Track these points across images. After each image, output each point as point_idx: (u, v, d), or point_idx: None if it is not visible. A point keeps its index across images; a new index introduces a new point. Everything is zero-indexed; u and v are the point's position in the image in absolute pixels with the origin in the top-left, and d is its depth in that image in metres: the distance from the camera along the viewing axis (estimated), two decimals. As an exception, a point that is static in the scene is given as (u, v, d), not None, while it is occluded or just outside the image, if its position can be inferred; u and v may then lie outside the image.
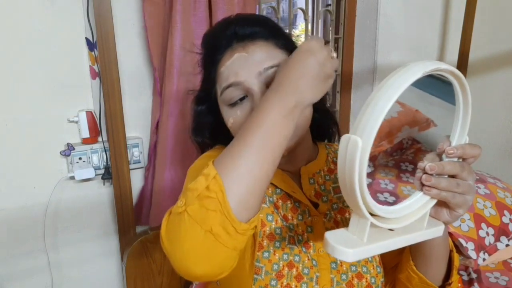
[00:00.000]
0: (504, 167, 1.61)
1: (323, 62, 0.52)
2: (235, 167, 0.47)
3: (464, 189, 0.49)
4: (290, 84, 0.51)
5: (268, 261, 0.62)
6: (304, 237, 0.65)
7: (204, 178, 0.47)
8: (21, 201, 1.11)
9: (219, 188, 0.46)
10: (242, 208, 0.46)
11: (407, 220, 0.49)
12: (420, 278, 0.64)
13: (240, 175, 0.47)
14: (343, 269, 0.65)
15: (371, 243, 0.45)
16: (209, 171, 0.47)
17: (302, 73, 0.51)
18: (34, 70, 1.06)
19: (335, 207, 0.71)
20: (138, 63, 1.19)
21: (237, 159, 0.48)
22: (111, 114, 1.06)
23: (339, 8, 1.57)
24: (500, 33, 1.62)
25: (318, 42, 0.54)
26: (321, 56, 0.52)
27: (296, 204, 0.68)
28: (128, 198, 1.14)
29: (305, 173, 0.71)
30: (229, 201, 0.45)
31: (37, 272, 1.17)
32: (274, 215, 0.65)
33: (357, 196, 0.42)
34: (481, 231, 1.16)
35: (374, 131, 0.40)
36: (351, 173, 0.41)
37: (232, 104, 0.63)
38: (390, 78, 0.42)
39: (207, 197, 0.46)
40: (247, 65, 0.62)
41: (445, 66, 0.43)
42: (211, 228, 0.45)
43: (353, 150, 0.40)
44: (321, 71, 0.52)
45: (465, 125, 0.49)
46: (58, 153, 1.12)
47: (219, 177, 0.46)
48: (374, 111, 0.40)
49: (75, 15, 1.07)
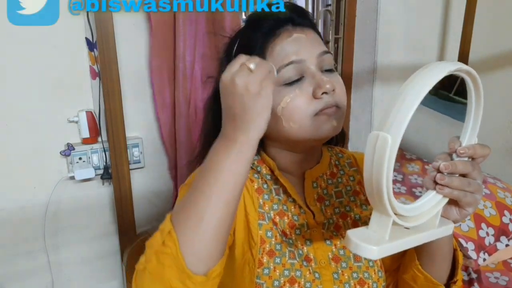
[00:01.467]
0: (504, 167, 1.61)
1: (239, 91, 0.48)
2: (187, 218, 0.47)
3: (474, 188, 0.50)
4: (230, 130, 0.50)
5: (269, 277, 0.61)
6: (304, 251, 0.64)
7: (160, 233, 0.47)
8: (21, 201, 1.11)
9: (173, 243, 0.45)
10: (197, 260, 0.46)
11: (422, 219, 0.49)
12: (426, 277, 0.64)
13: (191, 226, 0.46)
14: (345, 279, 0.65)
15: (393, 241, 0.45)
16: (165, 226, 0.47)
17: (232, 116, 0.50)
18: (34, 70, 1.06)
19: (337, 211, 0.70)
20: (138, 63, 1.19)
21: (188, 209, 0.48)
22: (111, 114, 1.06)
23: (339, 8, 1.57)
24: (500, 33, 1.62)
25: (227, 71, 0.50)
26: (235, 88, 0.48)
27: (294, 217, 0.67)
28: (128, 198, 1.14)
29: (309, 177, 0.70)
30: (183, 255, 0.45)
31: (37, 272, 1.17)
32: (273, 231, 0.64)
33: (383, 193, 0.42)
34: (481, 231, 1.16)
35: (403, 127, 0.40)
36: (379, 170, 0.41)
37: (290, 84, 0.61)
38: (416, 76, 0.42)
39: (162, 252, 0.46)
40: (307, 45, 0.62)
41: (466, 67, 0.45)
42: (171, 285, 0.45)
43: (383, 147, 0.40)
44: (243, 98, 0.48)
45: (476, 126, 0.50)
46: (58, 153, 1.12)
47: (173, 232, 0.46)
48: (402, 106, 0.40)
49: (75, 15, 1.07)
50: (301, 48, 0.62)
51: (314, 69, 0.61)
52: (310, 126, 0.61)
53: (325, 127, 0.61)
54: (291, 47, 0.62)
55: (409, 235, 0.48)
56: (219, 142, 0.51)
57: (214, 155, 0.50)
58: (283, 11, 0.65)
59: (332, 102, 0.61)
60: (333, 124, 0.62)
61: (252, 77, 0.49)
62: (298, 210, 0.67)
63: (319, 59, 0.62)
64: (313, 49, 0.62)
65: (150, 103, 1.22)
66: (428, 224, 0.51)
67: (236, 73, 0.49)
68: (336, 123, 0.62)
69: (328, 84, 0.60)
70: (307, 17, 0.67)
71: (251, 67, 0.49)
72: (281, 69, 0.61)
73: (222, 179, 0.48)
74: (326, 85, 0.60)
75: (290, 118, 0.61)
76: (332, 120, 0.62)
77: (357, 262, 0.66)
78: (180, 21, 1.10)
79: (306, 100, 0.60)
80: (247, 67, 0.49)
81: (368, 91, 1.61)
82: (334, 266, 0.65)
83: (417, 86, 0.41)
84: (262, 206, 0.66)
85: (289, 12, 0.65)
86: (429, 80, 0.41)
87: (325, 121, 0.61)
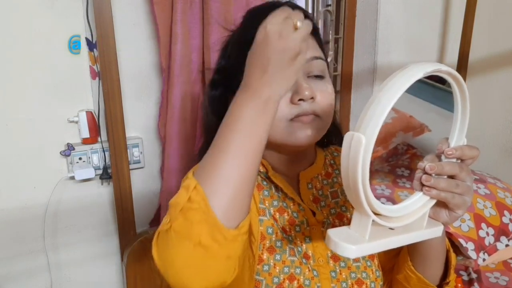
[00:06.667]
0: (504, 167, 1.61)
1: (283, 46, 0.46)
2: (215, 174, 0.45)
3: (463, 189, 0.49)
4: (256, 80, 0.48)
5: (268, 274, 0.61)
6: (303, 248, 0.64)
7: (185, 190, 0.46)
8: (21, 201, 1.11)
9: (201, 197, 0.44)
10: (228, 214, 0.45)
11: (407, 220, 0.49)
12: (418, 278, 0.64)
13: (221, 181, 0.45)
14: (343, 277, 0.65)
15: (373, 241, 0.45)
16: (190, 183, 0.46)
17: (264, 67, 0.47)
18: (34, 70, 1.06)
19: (333, 212, 0.70)
20: (138, 63, 1.19)
21: (215, 165, 0.46)
22: (111, 114, 1.06)
23: (339, 8, 1.57)
24: (500, 33, 1.62)
25: (273, 21, 0.47)
26: (279, 42, 0.46)
27: (294, 214, 0.67)
28: (128, 198, 1.14)
29: (303, 178, 0.70)
30: (213, 210, 0.44)
31: (37, 273, 1.17)
32: (274, 227, 0.64)
33: (360, 193, 0.42)
34: (481, 231, 1.16)
35: (377, 128, 0.40)
36: (354, 170, 0.42)
37: None
38: (392, 78, 0.42)
39: (190, 209, 0.44)
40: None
41: (445, 67, 0.44)
42: (200, 241, 0.43)
43: (357, 147, 0.41)
44: (284, 55, 0.47)
45: (464, 127, 0.50)
46: (58, 153, 1.12)
47: (199, 187, 0.45)
48: (377, 108, 0.41)
49: (75, 15, 1.07)
50: None
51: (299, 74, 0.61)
52: (284, 131, 0.61)
53: (298, 134, 0.61)
54: None
55: (393, 235, 0.48)
56: (242, 94, 0.48)
57: (236, 108, 0.48)
58: None
59: (309, 110, 0.61)
60: (307, 133, 0.61)
61: (297, 34, 0.47)
62: (297, 207, 0.67)
63: (307, 64, 0.61)
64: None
65: (150, 103, 1.22)
66: (415, 225, 0.50)
67: (283, 27, 0.47)
68: (310, 132, 0.61)
69: (307, 91, 0.59)
70: (308, 18, 0.67)
71: (298, 24, 0.47)
72: None
73: (245, 132, 0.47)
74: (304, 92, 0.59)
75: None
76: (307, 128, 0.61)
77: (356, 262, 0.67)
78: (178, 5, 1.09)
79: (284, 103, 0.60)
80: (294, 23, 0.47)
81: (368, 91, 1.61)
82: (333, 264, 0.65)
83: (392, 88, 0.41)
84: (262, 202, 0.66)
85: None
86: (404, 82, 0.41)
87: (299, 128, 0.61)
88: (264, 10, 0.66)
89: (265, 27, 0.47)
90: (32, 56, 1.05)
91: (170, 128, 1.16)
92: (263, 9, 0.68)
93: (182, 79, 1.14)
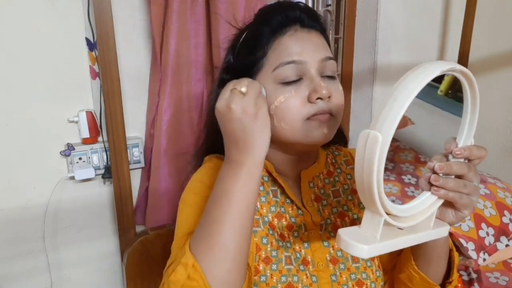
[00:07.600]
0: (504, 167, 1.61)
1: (237, 116, 0.50)
2: (209, 247, 0.49)
3: (470, 190, 0.49)
4: (234, 154, 0.52)
5: (266, 284, 0.61)
6: (302, 254, 0.64)
7: (183, 267, 0.49)
8: (21, 201, 1.11)
9: (199, 276, 0.48)
10: (225, 287, 0.49)
11: (415, 219, 0.49)
12: (421, 277, 0.64)
13: (215, 255, 0.49)
14: (343, 280, 0.65)
15: (384, 241, 0.45)
16: (187, 260, 0.49)
17: (234, 139, 0.51)
18: (34, 70, 1.06)
19: (334, 211, 0.70)
20: (138, 63, 1.19)
21: (209, 238, 0.49)
22: (111, 114, 1.06)
23: (339, 8, 1.57)
24: (500, 33, 1.62)
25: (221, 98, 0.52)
26: (233, 113, 0.50)
27: (292, 220, 0.67)
28: (128, 198, 1.14)
29: (305, 176, 0.70)
30: (210, 286, 0.47)
31: (37, 273, 1.17)
32: (269, 237, 0.64)
33: (374, 192, 0.42)
34: (481, 231, 1.16)
35: (394, 126, 0.40)
36: (369, 169, 0.41)
37: (286, 83, 0.61)
38: (407, 77, 0.42)
39: (189, 287, 0.48)
40: (311, 48, 0.62)
41: (459, 66, 0.44)
42: None
43: (373, 145, 0.41)
44: (244, 121, 0.50)
45: (472, 127, 0.50)
46: (58, 153, 1.12)
47: (197, 265, 0.48)
48: (393, 106, 0.41)
49: (75, 15, 1.07)
50: (305, 50, 0.62)
51: (314, 73, 0.61)
52: (301, 130, 0.61)
53: (315, 133, 0.61)
54: (295, 47, 0.62)
55: (402, 235, 0.47)
56: (226, 168, 0.52)
57: (223, 182, 0.51)
58: (295, 10, 0.65)
59: (325, 109, 0.61)
60: (323, 131, 0.61)
61: (246, 99, 0.51)
62: (296, 212, 0.67)
63: (321, 64, 0.62)
64: (317, 53, 0.62)
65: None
66: (423, 225, 0.50)
67: (230, 99, 0.51)
68: (327, 130, 0.62)
69: (325, 90, 0.59)
70: (318, 20, 0.67)
71: (243, 90, 0.51)
72: (281, 66, 0.61)
73: (235, 203, 0.50)
74: (322, 91, 0.59)
75: (282, 118, 0.60)
76: (324, 127, 0.61)
77: (355, 263, 0.66)
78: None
79: (300, 102, 0.60)
80: (239, 91, 0.51)
81: (368, 91, 1.61)
82: (332, 268, 0.65)
83: (409, 86, 0.41)
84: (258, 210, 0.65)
85: (299, 12, 0.64)
86: (421, 80, 0.41)
87: (316, 127, 0.61)
88: (275, 9, 0.67)
89: (216, 108, 0.52)
90: (32, 56, 1.05)
91: (159, 127, 1.17)
92: (275, 7, 0.68)
93: (178, 78, 1.14)
